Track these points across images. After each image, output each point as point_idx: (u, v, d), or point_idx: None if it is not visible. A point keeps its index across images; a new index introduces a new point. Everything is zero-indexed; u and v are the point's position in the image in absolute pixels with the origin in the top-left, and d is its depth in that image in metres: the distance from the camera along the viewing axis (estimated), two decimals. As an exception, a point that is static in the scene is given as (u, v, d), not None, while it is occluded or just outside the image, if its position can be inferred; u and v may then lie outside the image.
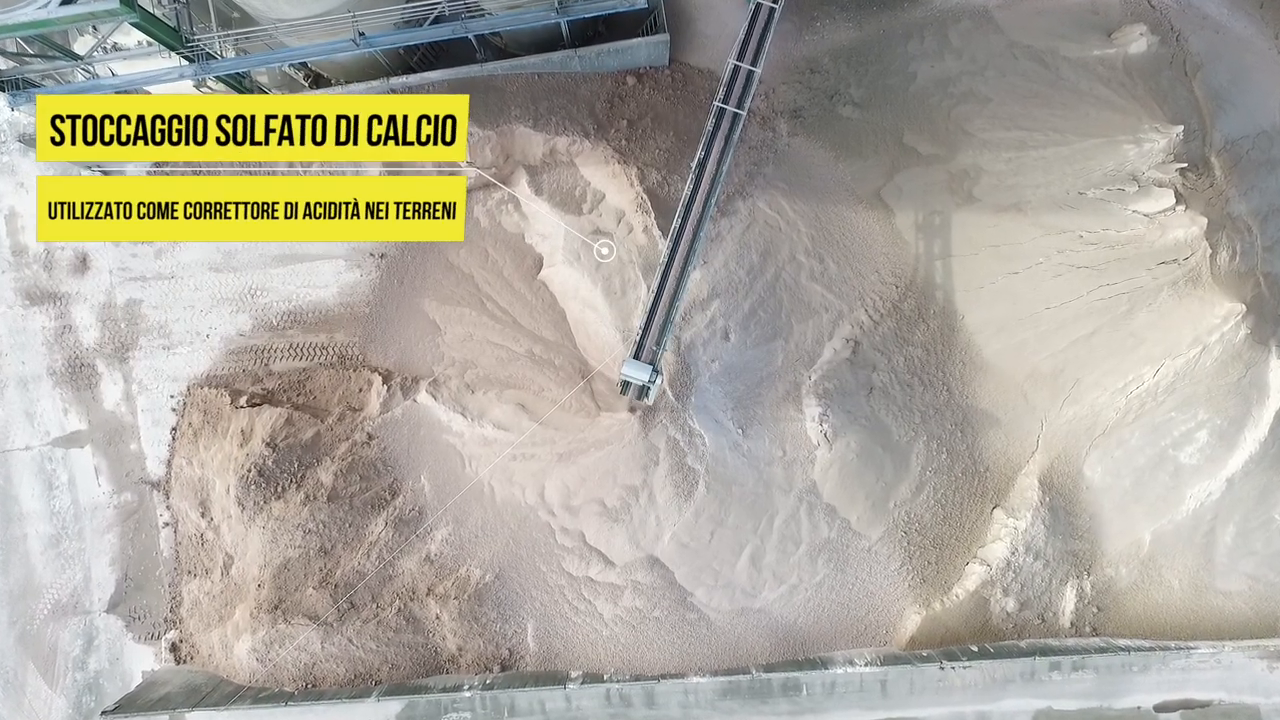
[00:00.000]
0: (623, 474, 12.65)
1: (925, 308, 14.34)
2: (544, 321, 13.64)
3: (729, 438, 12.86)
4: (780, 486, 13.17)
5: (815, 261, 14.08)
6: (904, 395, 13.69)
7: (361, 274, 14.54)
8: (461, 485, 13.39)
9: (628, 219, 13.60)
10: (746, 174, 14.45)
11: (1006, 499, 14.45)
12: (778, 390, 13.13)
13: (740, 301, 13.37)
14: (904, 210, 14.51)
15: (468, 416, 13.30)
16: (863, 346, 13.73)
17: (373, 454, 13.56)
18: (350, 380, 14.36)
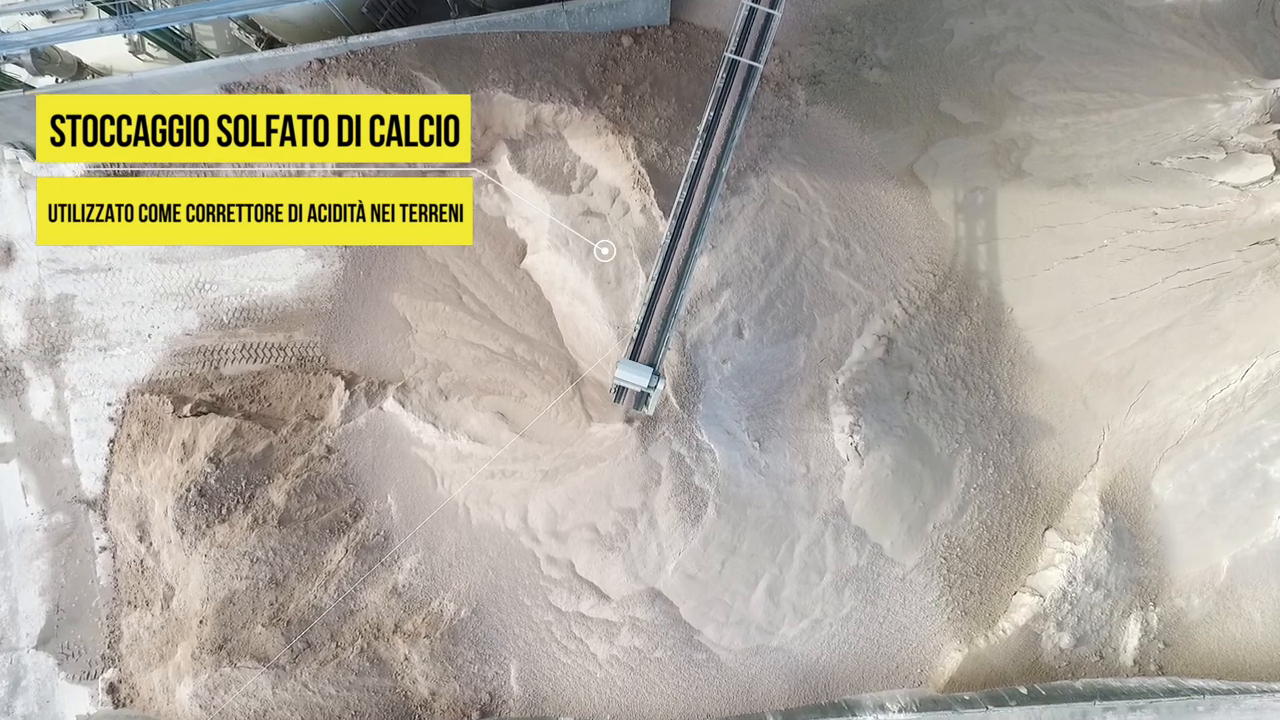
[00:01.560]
0: (618, 495, 10.02)
1: (967, 299, 11.63)
2: (527, 317, 11.03)
3: (743, 452, 10.20)
4: (802, 508, 10.50)
5: (840, 246, 11.38)
6: (946, 401, 10.99)
7: (323, 265, 11.97)
8: (433, 506, 10.83)
9: (623, 198, 10.95)
10: (759, 147, 11.75)
11: (1061, 519, 11.72)
12: (800, 396, 10.45)
13: (755, 292, 10.69)
14: (941, 187, 11.82)
15: (439, 427, 10.75)
16: (897, 344, 11.03)
17: (332, 470, 11.02)
18: (310, 385, 11.79)
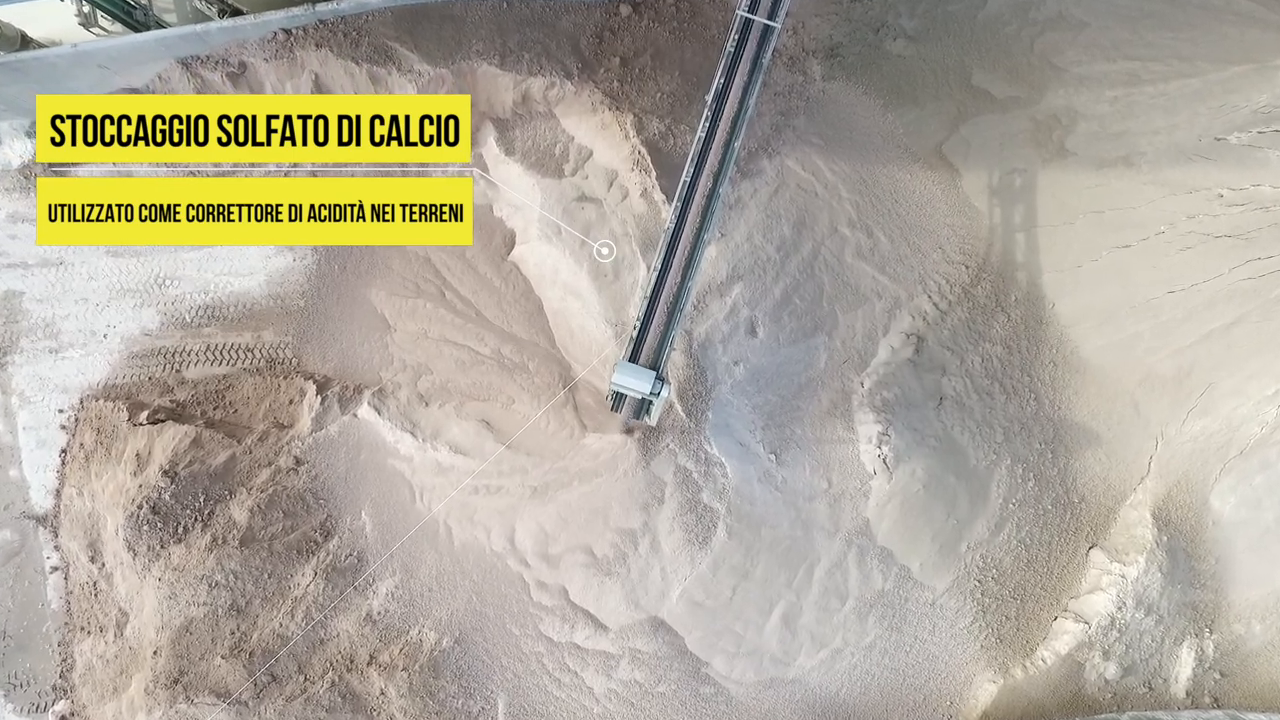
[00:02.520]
0: (617, 515, 8.50)
1: (1004, 293, 10.06)
2: (515, 315, 9.52)
3: (758, 466, 8.66)
4: (823, 528, 8.97)
5: (862, 235, 9.82)
6: (982, 406, 9.44)
7: (295, 259, 10.50)
8: (411, 524, 9.35)
9: (621, 181, 9.42)
10: (772, 126, 10.20)
11: (1107, 537, 10.15)
12: (821, 402, 8.91)
13: (769, 285, 9.14)
14: (973, 169, 10.25)
15: (418, 436, 9.25)
16: (928, 343, 9.47)
17: (300, 483, 9.55)
18: (280, 390, 10.32)
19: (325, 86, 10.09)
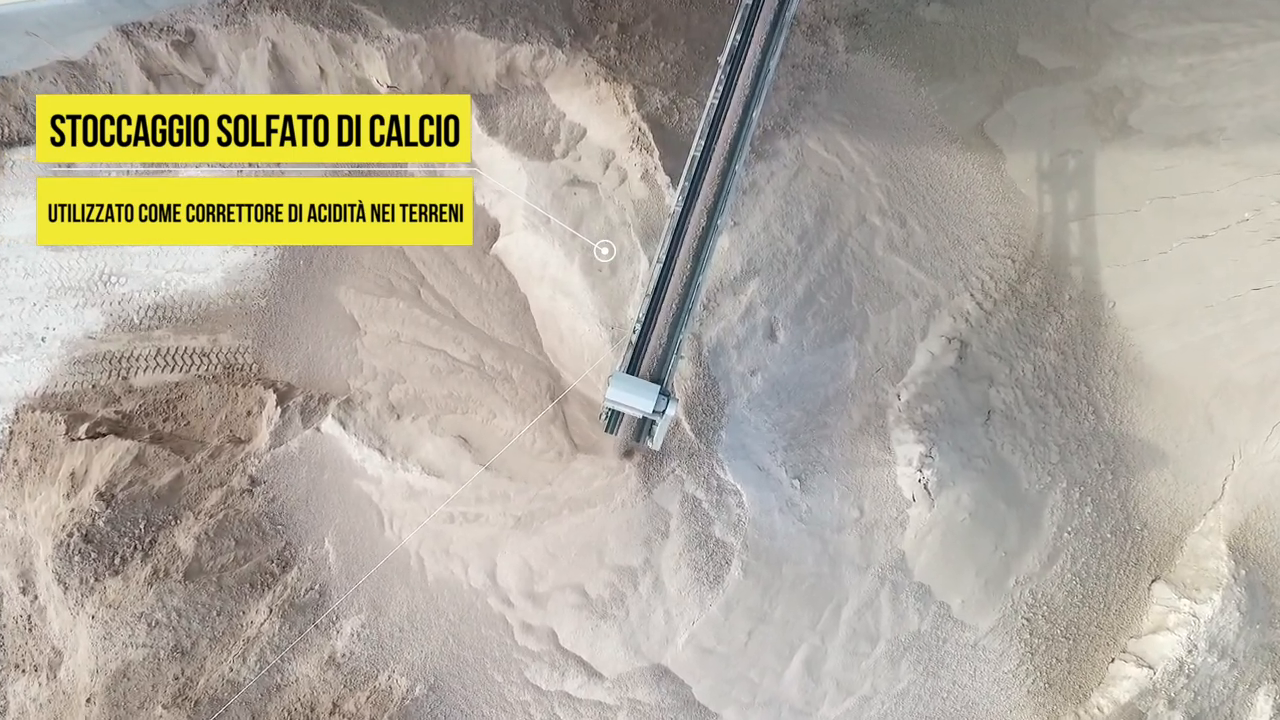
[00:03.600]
0: (613, 550, 6.93)
1: (1057, 291, 8.43)
2: (498, 315, 7.97)
3: (779, 494, 7.08)
4: (853, 563, 7.38)
5: (894, 224, 8.19)
6: (1036, 422, 7.83)
7: (254, 253, 8.97)
8: (379, 555, 7.76)
9: (618, 162, 7.84)
10: (790, 102, 8.60)
11: (1171, 569, 8.52)
12: (851, 417, 7.33)
13: (790, 281, 7.54)
14: (1020, 150, 8.64)
15: (387, 454, 7.72)
16: (972, 349, 7.84)
17: (255, 507, 8.03)
18: (237, 399, 8.78)
19: (284, 57, 8.55)
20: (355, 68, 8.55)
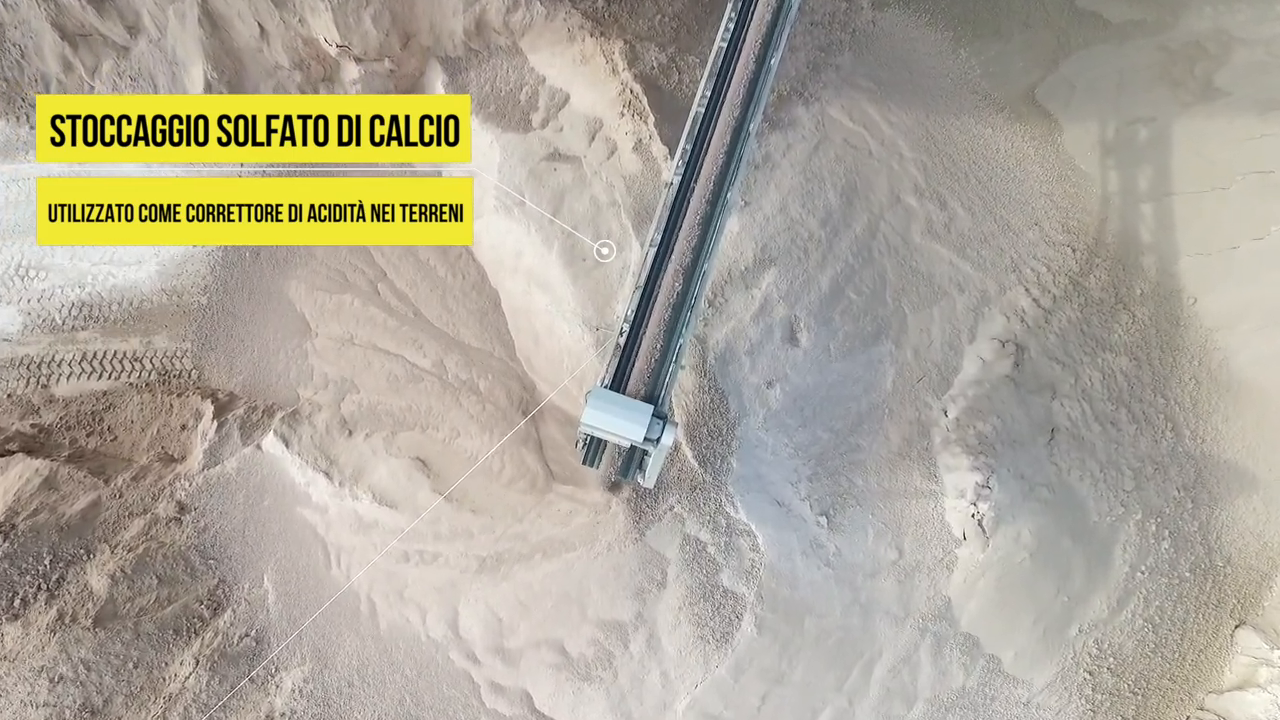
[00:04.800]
0: (598, 602, 5.38)
1: (1127, 285, 6.84)
2: (464, 314, 6.44)
3: (802, 534, 5.53)
4: (889, 612, 5.82)
5: (933, 206, 6.61)
6: (1107, 441, 6.26)
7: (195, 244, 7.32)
8: (325, 596, 6.18)
9: (607, 132, 6.29)
10: (809, 65, 7.05)
11: (1259, 612, 6.87)
12: (889, 438, 5.79)
13: (813, 273, 5.96)
14: (1079, 120, 7.08)
15: (334, 478, 6.21)
16: (1030, 354, 6.26)
17: (183, 539, 6.57)
18: (172, 411, 7.33)
19: (217, 13, 7.02)
20: (299, 25, 7.01)
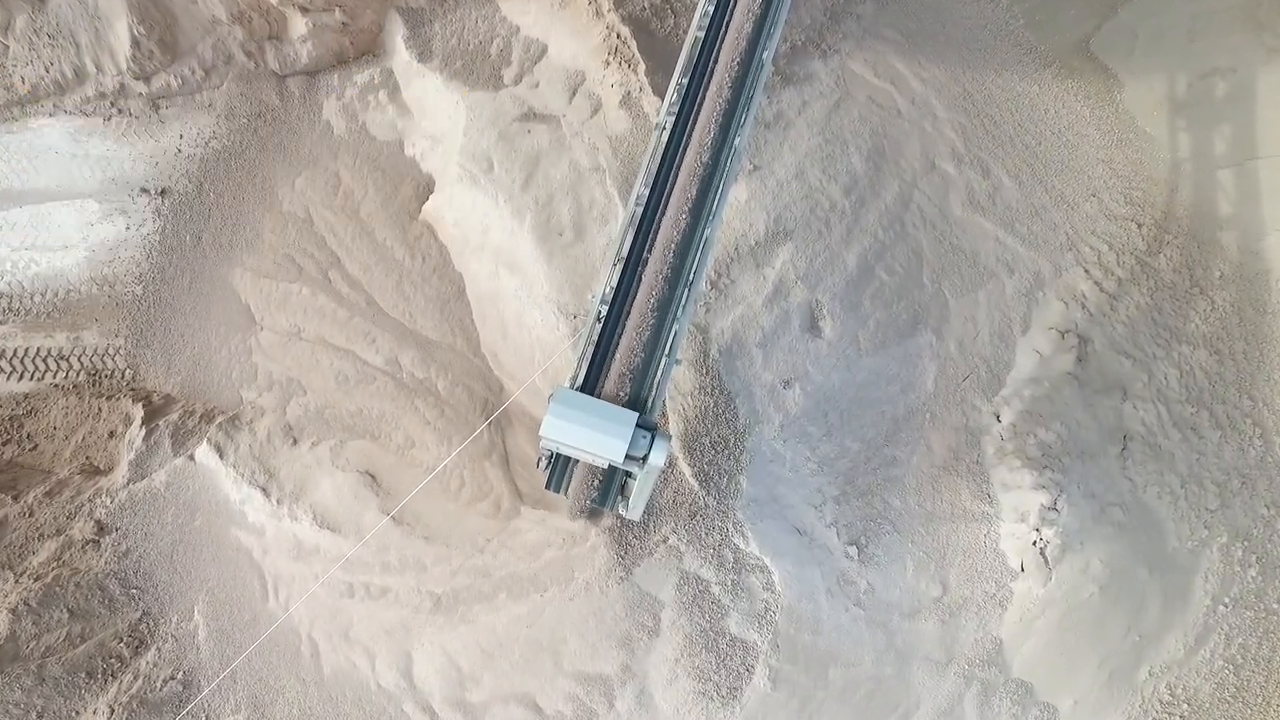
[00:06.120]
0: (576, 652, 4.10)
1: (1203, 266, 5.54)
2: (422, 301, 5.23)
3: (827, 567, 4.24)
4: (930, 658, 4.52)
5: (975, 174, 5.36)
6: (1188, 451, 4.98)
7: (128, 225, 6.33)
8: (262, 632, 4.91)
9: (589, 86, 5.07)
10: (826, 12, 5.86)
11: (1357, 647, 5.42)
12: (932, 449, 4.53)
13: (837, 250, 4.70)
14: (1142, 74, 5.80)
15: (272, 495, 5.01)
16: (1094, 347, 5.01)
17: (101, 565, 5.43)
18: (100, 416, 6.24)
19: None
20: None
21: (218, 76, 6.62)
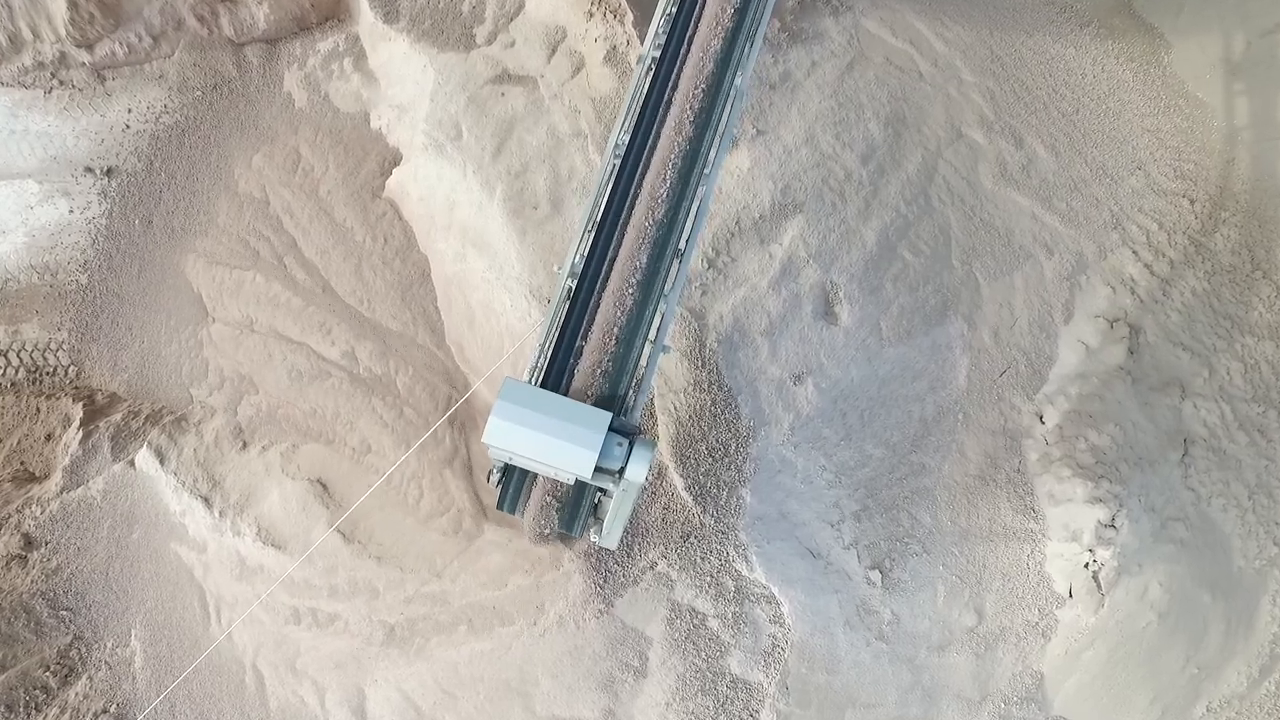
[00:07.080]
0: (549, 695, 3.32)
1: (1265, 247, 4.78)
2: (382, 286, 4.48)
3: (845, 596, 3.47)
4: (961, 695, 3.72)
5: (1007, 144, 4.58)
6: (1255, 457, 4.19)
7: (72, 208, 5.57)
8: (203, 661, 4.16)
9: (570, 44, 4.28)
10: (838, -33, 4.88)
11: None
12: (966, 455, 3.72)
13: (854, 225, 3.89)
14: (1192, 34, 5.07)
15: (214, 506, 4.24)
16: (1146, 337, 4.17)
17: (28, 583, 4.71)
18: (39, 417, 5.43)
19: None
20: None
21: (168, 44, 5.91)
